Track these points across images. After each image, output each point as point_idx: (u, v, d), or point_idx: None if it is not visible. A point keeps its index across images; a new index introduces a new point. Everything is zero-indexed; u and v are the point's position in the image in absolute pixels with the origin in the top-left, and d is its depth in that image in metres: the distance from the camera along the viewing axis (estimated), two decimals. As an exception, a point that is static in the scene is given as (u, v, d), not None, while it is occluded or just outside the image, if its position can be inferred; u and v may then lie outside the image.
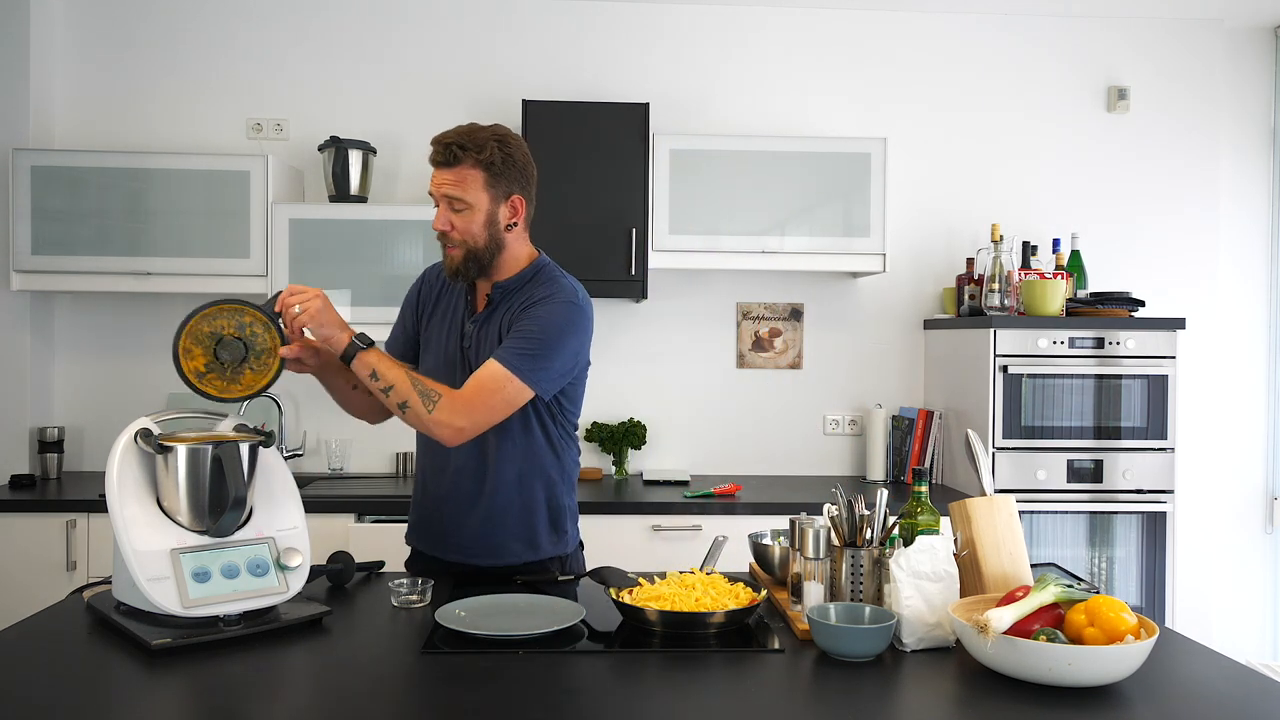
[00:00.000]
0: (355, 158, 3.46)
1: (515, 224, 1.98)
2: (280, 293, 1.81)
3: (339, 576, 1.96)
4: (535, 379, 1.88)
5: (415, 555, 2.16)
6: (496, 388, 1.85)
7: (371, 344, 1.83)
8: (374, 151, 3.52)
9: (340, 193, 3.45)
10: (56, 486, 3.29)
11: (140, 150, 3.50)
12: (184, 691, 1.42)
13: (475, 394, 1.85)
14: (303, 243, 3.31)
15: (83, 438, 3.62)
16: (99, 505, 3.03)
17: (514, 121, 3.63)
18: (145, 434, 1.69)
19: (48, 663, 1.51)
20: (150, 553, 1.59)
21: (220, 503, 1.66)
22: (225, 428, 1.81)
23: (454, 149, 1.88)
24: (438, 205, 1.94)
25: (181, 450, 1.67)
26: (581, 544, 2.19)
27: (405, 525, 3.04)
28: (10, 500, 3.08)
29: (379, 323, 3.29)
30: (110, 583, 1.76)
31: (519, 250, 2.02)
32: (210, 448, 1.67)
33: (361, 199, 3.47)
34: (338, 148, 3.43)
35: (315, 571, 1.94)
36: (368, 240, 3.32)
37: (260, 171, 3.32)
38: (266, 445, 1.81)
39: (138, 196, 3.30)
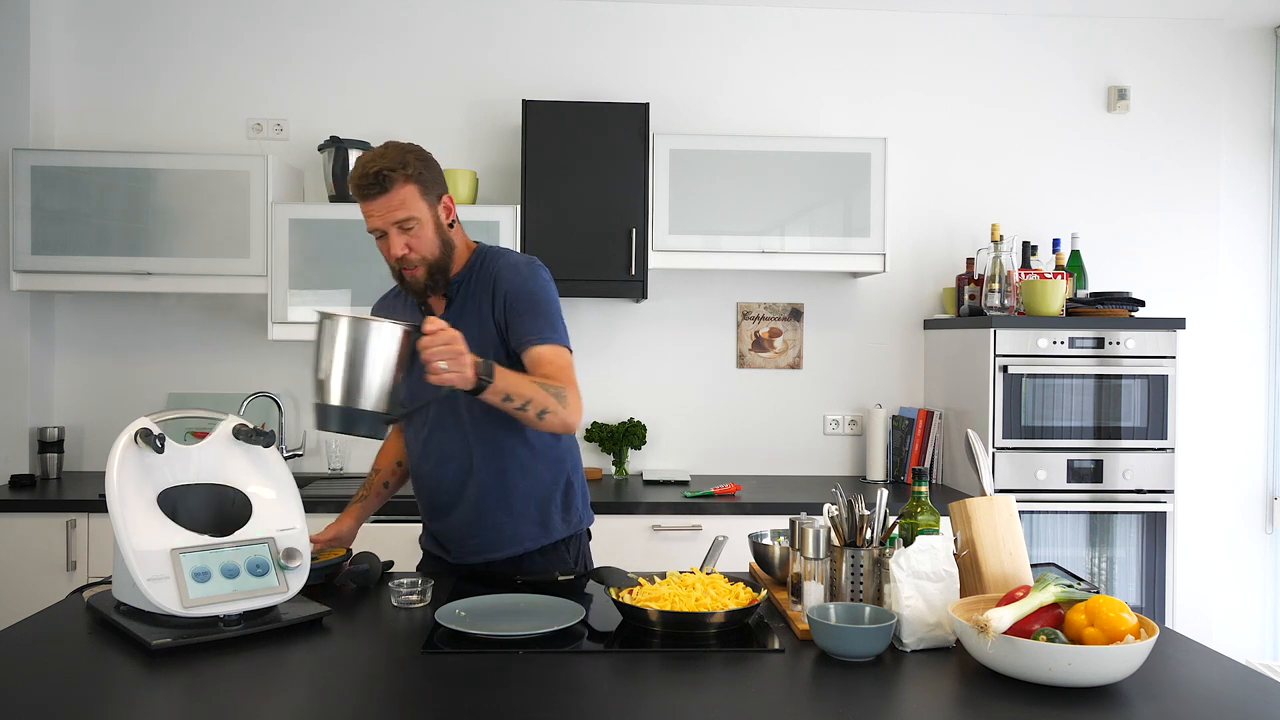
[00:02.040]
0: (355, 158, 3.45)
1: (454, 221, 2.00)
2: (428, 330, 1.69)
3: (364, 577, 1.96)
4: (567, 340, 1.97)
5: (429, 558, 2.19)
6: (566, 362, 1.93)
7: (492, 370, 1.75)
8: (374, 151, 3.52)
9: (340, 193, 3.44)
10: (56, 486, 3.29)
11: (140, 150, 3.50)
12: (184, 691, 1.42)
13: (567, 375, 1.91)
14: (303, 243, 3.32)
15: (83, 438, 3.62)
16: (99, 505, 3.03)
17: (514, 121, 3.64)
18: (145, 434, 1.69)
19: (48, 663, 1.51)
20: (150, 553, 1.59)
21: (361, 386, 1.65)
22: (225, 428, 1.81)
23: (384, 174, 1.88)
24: (381, 237, 1.93)
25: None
26: (590, 533, 2.20)
27: (406, 525, 3.07)
28: (10, 500, 3.08)
29: (379, 323, 3.31)
30: (110, 583, 1.76)
31: (461, 244, 2.04)
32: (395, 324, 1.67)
33: (361, 199, 3.47)
34: (338, 148, 3.43)
35: (346, 574, 1.97)
36: (368, 240, 3.31)
37: (260, 171, 3.32)
38: (266, 445, 1.81)
39: (138, 196, 3.30)
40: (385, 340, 1.66)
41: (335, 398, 1.66)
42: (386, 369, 1.67)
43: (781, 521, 2.16)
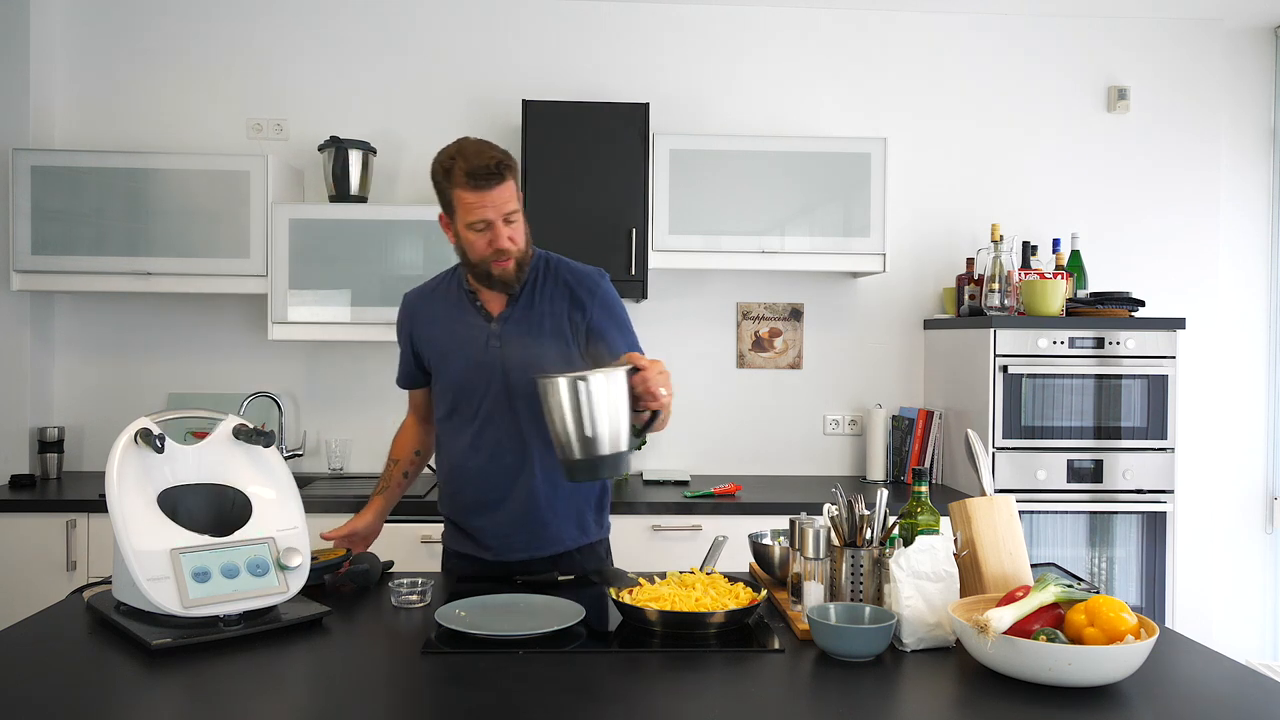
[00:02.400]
0: (355, 158, 3.46)
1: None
2: (632, 368, 1.79)
3: (364, 577, 1.96)
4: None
5: (455, 557, 2.16)
6: None
7: None
8: (374, 151, 3.52)
9: (340, 193, 3.45)
10: (56, 486, 3.29)
11: (140, 150, 3.50)
12: (184, 691, 1.42)
13: None
14: (303, 243, 3.31)
15: (83, 438, 3.62)
16: (99, 505, 3.03)
17: (514, 122, 3.64)
18: (145, 434, 1.69)
19: (48, 663, 1.51)
20: (150, 553, 1.60)
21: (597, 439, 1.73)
22: (225, 428, 1.81)
23: (503, 165, 1.91)
24: (483, 229, 1.93)
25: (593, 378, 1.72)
26: None
27: (406, 525, 3.07)
28: (10, 500, 3.08)
29: (378, 322, 3.31)
30: (110, 583, 1.76)
31: None
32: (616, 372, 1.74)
33: (361, 199, 3.47)
34: (338, 148, 3.43)
35: (346, 575, 1.96)
36: (368, 240, 3.32)
37: (260, 171, 3.32)
38: (266, 445, 1.81)
39: (138, 196, 3.30)
40: (612, 387, 1.73)
41: (581, 452, 1.74)
42: (617, 412, 1.74)
43: (781, 521, 2.16)
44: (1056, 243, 3.55)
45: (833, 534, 1.75)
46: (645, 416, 1.82)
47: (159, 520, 1.65)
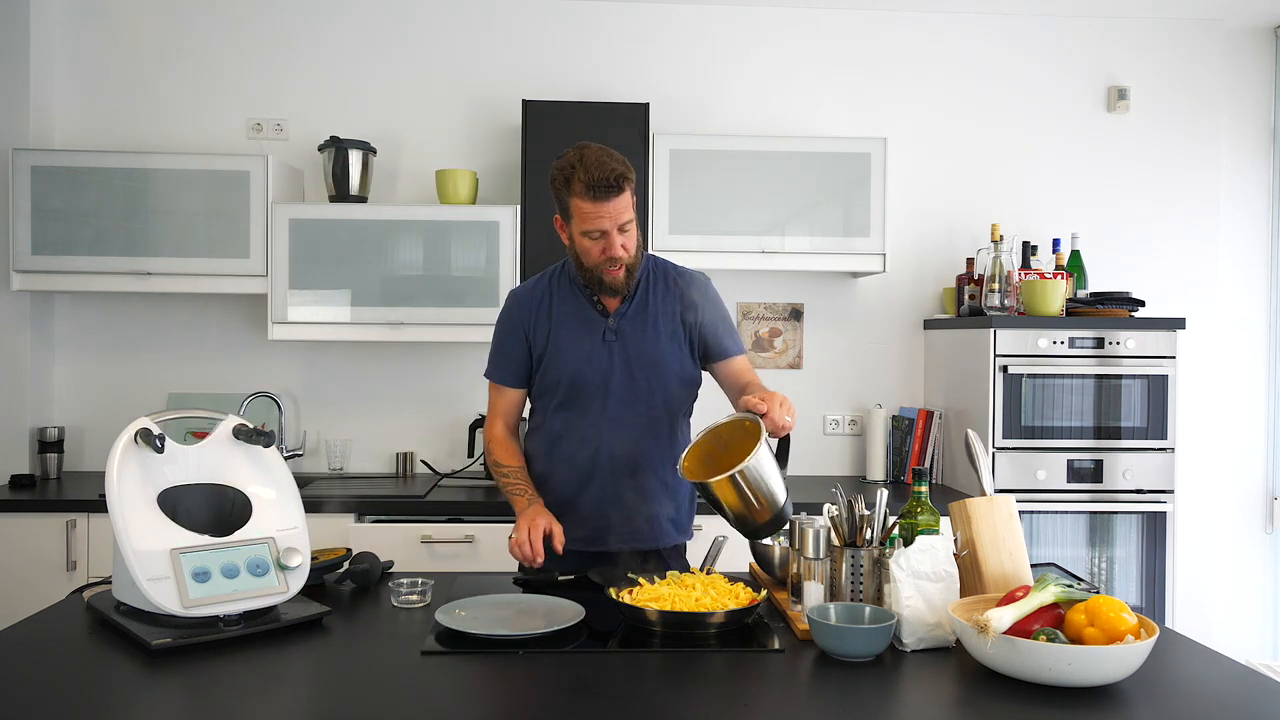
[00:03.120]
0: (355, 158, 3.45)
1: None
2: (762, 413, 1.84)
3: (364, 577, 1.96)
4: None
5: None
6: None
7: None
8: (374, 151, 3.52)
9: (340, 193, 3.44)
10: (56, 486, 3.29)
11: (140, 150, 3.50)
12: (184, 691, 1.42)
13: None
14: (303, 243, 3.31)
15: (83, 438, 3.62)
16: (99, 505, 3.03)
17: (514, 122, 3.64)
18: (145, 434, 1.69)
19: (48, 663, 1.51)
20: (150, 553, 1.60)
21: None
22: (225, 428, 1.81)
23: (623, 178, 1.95)
24: (599, 238, 1.97)
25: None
26: None
27: (406, 525, 3.07)
28: (10, 500, 3.08)
29: (378, 322, 3.31)
30: (110, 583, 1.76)
31: None
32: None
33: (361, 199, 3.47)
34: (338, 148, 3.43)
35: (344, 575, 1.96)
36: (368, 240, 3.32)
37: (260, 171, 3.32)
38: (266, 445, 1.81)
39: (138, 196, 3.30)
40: (763, 461, 1.78)
41: (758, 521, 1.82)
42: (774, 474, 1.81)
43: (781, 521, 2.16)
44: (1056, 243, 3.55)
45: (833, 534, 1.75)
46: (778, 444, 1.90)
47: (159, 520, 1.65)
